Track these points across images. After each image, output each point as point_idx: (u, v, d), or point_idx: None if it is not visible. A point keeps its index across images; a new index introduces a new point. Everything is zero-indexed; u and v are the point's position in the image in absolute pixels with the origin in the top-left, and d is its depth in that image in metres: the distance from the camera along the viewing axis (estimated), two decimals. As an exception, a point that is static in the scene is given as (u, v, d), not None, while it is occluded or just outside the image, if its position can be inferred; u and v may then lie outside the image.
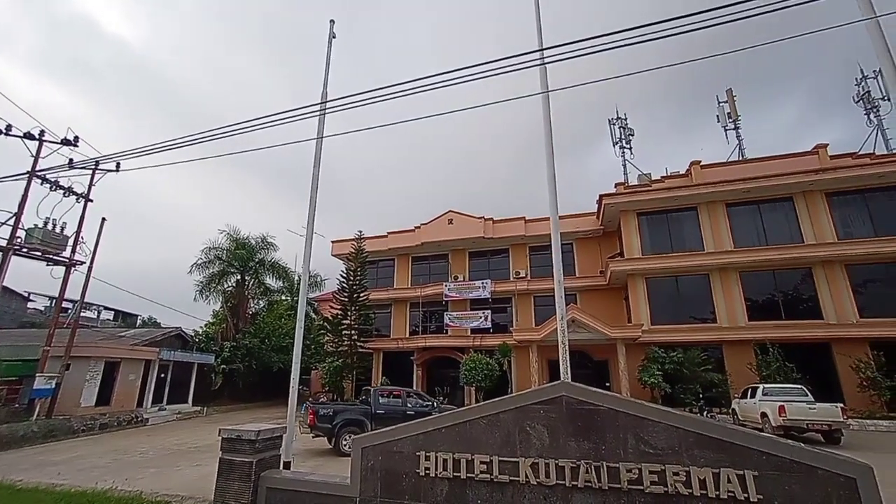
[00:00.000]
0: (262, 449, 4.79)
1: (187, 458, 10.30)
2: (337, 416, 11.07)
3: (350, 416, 11.27)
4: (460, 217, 26.19)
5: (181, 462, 9.72)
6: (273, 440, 5.04)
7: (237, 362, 23.86)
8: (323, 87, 7.75)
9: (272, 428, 5.07)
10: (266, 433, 4.85)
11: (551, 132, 6.21)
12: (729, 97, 25.07)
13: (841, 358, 17.18)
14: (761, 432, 12.32)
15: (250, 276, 28.01)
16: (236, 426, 4.95)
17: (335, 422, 10.98)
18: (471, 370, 20.37)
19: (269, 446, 4.94)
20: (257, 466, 4.66)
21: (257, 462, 4.66)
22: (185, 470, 8.83)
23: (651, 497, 3.70)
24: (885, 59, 4.24)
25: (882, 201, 18.63)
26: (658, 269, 20.55)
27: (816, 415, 12.25)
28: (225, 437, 4.76)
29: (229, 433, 4.75)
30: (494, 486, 4.07)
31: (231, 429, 4.81)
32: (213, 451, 4.95)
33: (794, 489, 3.43)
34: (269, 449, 4.92)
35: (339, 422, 11.02)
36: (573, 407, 4.00)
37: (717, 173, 20.96)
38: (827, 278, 18.46)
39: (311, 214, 7.67)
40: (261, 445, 4.75)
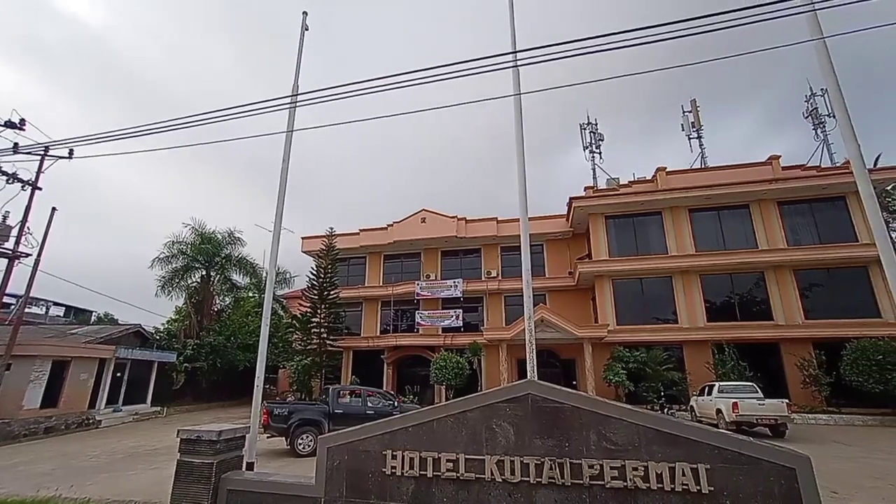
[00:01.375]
0: (224, 450, 4.64)
1: (144, 461, 9.84)
2: (292, 416, 10.83)
3: (306, 415, 11.04)
4: (433, 216, 26.19)
5: (137, 466, 9.28)
6: (235, 440, 4.89)
7: (201, 361, 23.00)
8: (294, 79, 7.57)
9: (235, 428, 4.91)
10: (228, 433, 4.70)
11: (522, 134, 6.30)
12: (693, 107, 26.17)
13: (788, 357, 18.31)
14: (716, 428, 13.04)
15: (216, 271, 27.03)
16: (196, 426, 4.77)
17: (291, 422, 10.73)
18: (441, 369, 20.43)
19: (231, 447, 4.79)
20: (218, 468, 4.51)
21: (218, 463, 4.51)
22: (140, 474, 8.44)
23: (611, 492, 3.82)
24: (830, 78, 4.56)
25: (826, 211, 19.96)
26: (624, 271, 21.23)
27: (765, 410, 13.03)
28: (184, 438, 4.58)
29: (188, 434, 4.57)
30: (460, 483, 4.10)
31: (190, 429, 4.63)
32: (173, 453, 4.76)
33: (741, 480, 3.63)
34: (231, 450, 4.78)
35: (295, 422, 10.78)
36: (539, 405, 4.08)
37: (681, 180, 21.85)
38: (777, 282, 19.59)
39: (279, 209, 7.49)
40: (222, 446, 4.60)
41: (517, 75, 6.00)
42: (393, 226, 26.90)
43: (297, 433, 10.67)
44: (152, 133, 8.06)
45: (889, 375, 15.36)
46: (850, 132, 4.49)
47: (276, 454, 10.64)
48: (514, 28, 6.61)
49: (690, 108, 26.22)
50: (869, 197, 4.47)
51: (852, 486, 7.26)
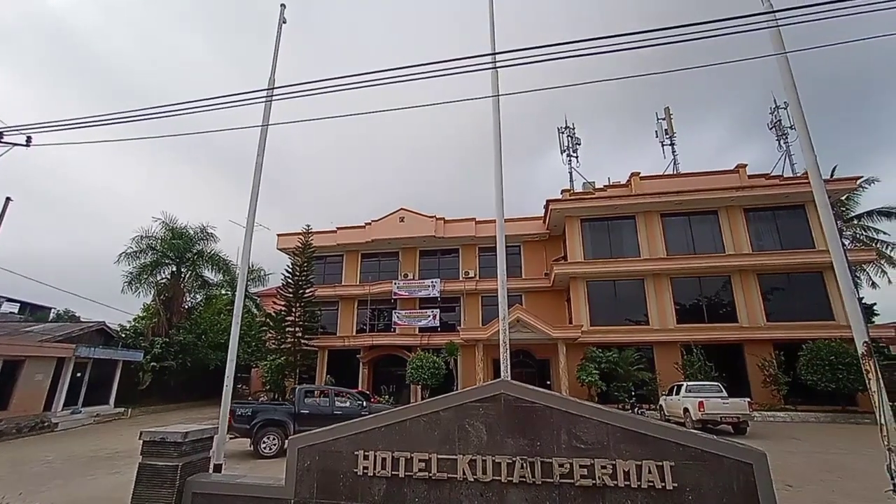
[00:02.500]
0: (190, 452, 4.49)
1: (103, 465, 9.40)
2: (256, 416, 10.53)
3: (271, 416, 10.76)
4: (412, 215, 26.11)
5: (96, 470, 8.86)
6: (203, 442, 4.74)
7: (169, 359, 22.21)
8: (270, 73, 7.41)
9: (202, 429, 4.77)
10: (195, 434, 4.55)
11: (500, 136, 6.35)
12: (667, 115, 26.98)
13: (750, 357, 19.12)
14: (683, 426, 13.47)
15: (187, 268, 26.16)
16: (161, 428, 4.61)
17: (254, 422, 10.43)
18: (417, 369, 20.39)
19: (197, 448, 4.64)
20: (183, 471, 4.36)
21: (183, 466, 4.36)
22: (99, 479, 8.07)
23: (580, 490, 3.90)
24: (791, 91, 4.79)
25: (787, 218, 20.95)
26: (598, 274, 21.69)
27: (728, 409, 13.57)
28: (147, 440, 4.40)
29: (152, 435, 4.40)
30: (432, 483, 4.10)
31: (154, 430, 4.46)
32: (136, 456, 4.57)
33: (703, 476, 3.76)
34: (197, 451, 4.63)
35: (259, 422, 10.48)
36: (511, 405, 4.13)
37: (654, 185, 22.49)
38: (742, 286, 20.42)
39: (252, 204, 7.32)
40: (188, 448, 4.45)
41: (496, 77, 6.05)
42: (371, 224, 26.68)
43: (260, 434, 10.37)
44: (120, 122, 7.74)
45: (840, 375, 16.26)
46: (808, 144, 4.73)
47: (246, 455, 10.38)
48: (493, 30, 6.66)
49: (664, 116, 27.03)
50: (824, 206, 4.72)
51: (805, 480, 7.65)
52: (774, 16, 4.80)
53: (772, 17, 4.80)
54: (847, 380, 16.04)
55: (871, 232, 26.09)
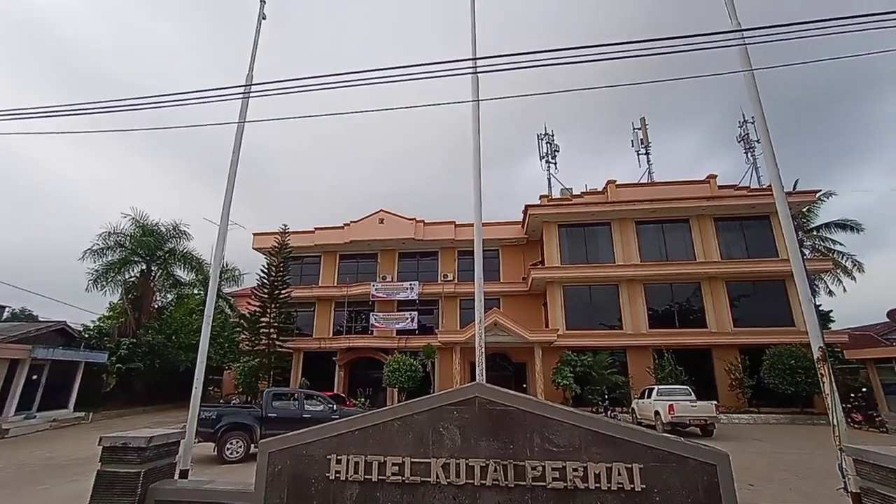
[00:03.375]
0: (154, 457, 4.33)
1: (59, 473, 8.91)
2: (221, 420, 10.17)
3: (236, 419, 10.38)
4: (391, 217, 26.00)
5: (49, 479, 8.36)
6: (168, 447, 4.59)
7: (136, 361, 21.34)
8: (248, 69, 7.26)
9: (168, 433, 4.61)
10: (159, 439, 4.39)
11: (479, 141, 6.41)
12: (642, 125, 27.76)
13: (718, 362, 19.81)
14: (654, 428, 13.81)
15: (158, 266, 25.25)
16: (124, 432, 4.42)
17: (219, 426, 10.06)
18: (394, 371, 20.26)
19: (162, 454, 4.49)
20: (145, 478, 4.19)
21: (146, 473, 4.20)
22: (53, 488, 7.64)
23: (552, 492, 3.95)
24: (756, 106, 5.03)
25: (754, 228, 21.84)
26: (574, 278, 22.08)
27: (697, 412, 14.00)
28: (107, 446, 4.21)
29: (113, 441, 4.21)
30: (406, 487, 4.09)
31: (116, 436, 4.27)
32: (96, 463, 4.37)
33: (670, 478, 3.87)
34: (162, 457, 4.47)
35: (223, 426, 10.09)
36: (485, 408, 4.15)
37: (630, 193, 23.08)
38: (711, 292, 21.15)
39: (227, 202, 7.14)
40: (152, 453, 4.29)
41: (476, 82, 6.11)
42: (350, 225, 26.41)
43: (225, 438, 9.99)
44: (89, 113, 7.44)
45: (798, 379, 17.07)
46: (771, 158, 4.97)
47: (215, 461, 10.06)
48: (474, 35, 6.73)
49: (640, 126, 27.79)
50: (786, 217, 4.95)
51: (766, 479, 7.97)
52: (742, 34, 5.04)
53: (739, 34, 5.04)
54: (805, 383, 16.82)
55: (828, 243, 27.49)
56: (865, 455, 3.90)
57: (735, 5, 5.33)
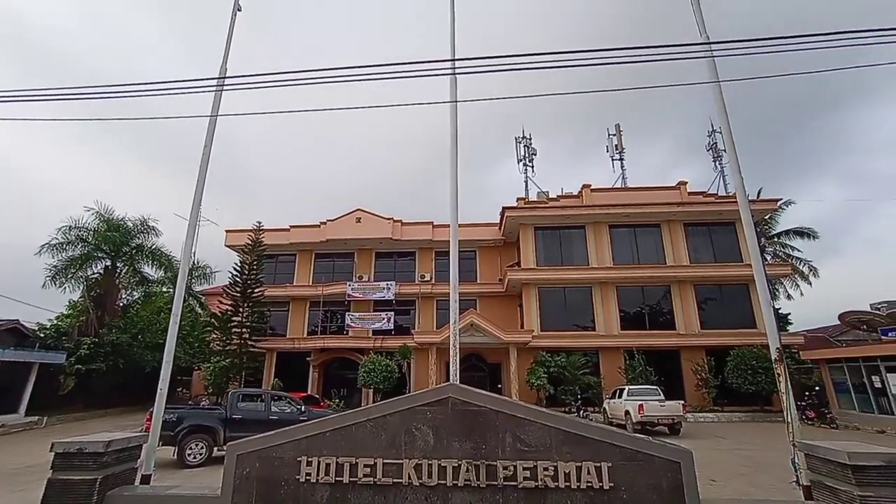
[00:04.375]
0: (113, 463, 4.14)
1: (6, 483, 8.32)
2: (182, 422, 9.70)
3: (198, 421, 9.92)
4: (369, 216, 25.78)
5: (-4, 488, 7.86)
6: (129, 451, 4.40)
7: (98, 361, 20.35)
8: (222, 61, 7.07)
9: (129, 437, 4.42)
10: (119, 443, 4.20)
11: (457, 142, 6.44)
12: (617, 131, 28.47)
13: (686, 362, 20.49)
14: (624, 428, 14.11)
15: (124, 263, 24.17)
16: (80, 437, 4.21)
17: (179, 428, 9.57)
18: (369, 372, 20.09)
19: (122, 459, 4.30)
20: (102, 485, 4.00)
21: (103, 479, 4.00)
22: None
23: (523, 492, 4.00)
24: (723, 117, 5.25)
25: (721, 234, 22.71)
26: (549, 280, 22.42)
27: (665, 411, 14.43)
28: (60, 452, 3.98)
29: (67, 446, 3.99)
30: (377, 489, 4.06)
31: (70, 441, 4.06)
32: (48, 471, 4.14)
33: (636, 476, 3.98)
34: (121, 462, 4.28)
35: (184, 428, 9.61)
36: (458, 408, 4.17)
37: (604, 197, 23.61)
38: (681, 295, 21.86)
39: (197, 197, 6.92)
40: (110, 459, 4.10)
41: (454, 83, 6.13)
42: (326, 224, 26.03)
43: (186, 441, 9.53)
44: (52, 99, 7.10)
45: (759, 378, 17.88)
46: (736, 167, 5.20)
47: (182, 465, 9.70)
48: (454, 36, 6.75)
49: (615, 132, 28.48)
50: (748, 224, 5.18)
51: (727, 474, 8.30)
52: (710, 47, 5.25)
53: (707, 48, 5.24)
54: (765, 382, 17.60)
55: (788, 249, 28.91)
56: (815, 450, 4.12)
57: (704, 20, 5.55)
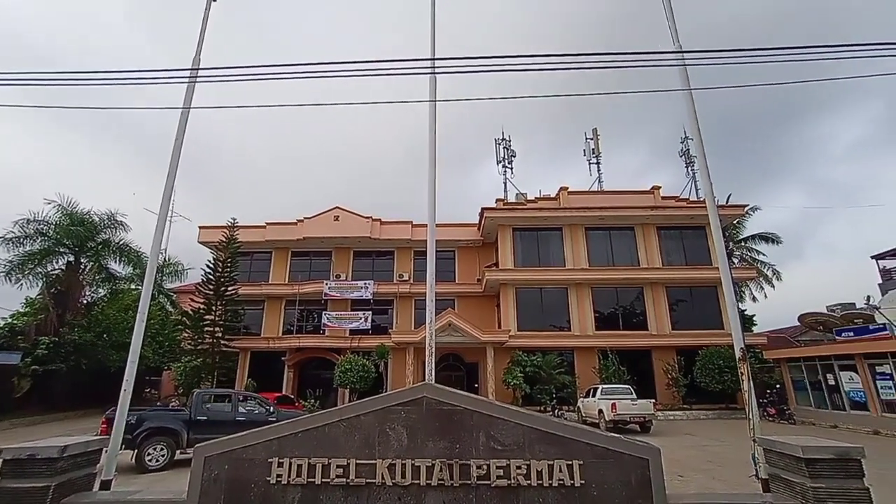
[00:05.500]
0: (69, 468, 3.94)
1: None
2: (142, 424, 9.23)
3: (158, 423, 9.46)
4: (347, 215, 25.49)
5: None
6: (87, 456, 4.21)
7: (58, 362, 19.39)
8: (195, 52, 6.85)
9: (88, 441, 4.23)
10: (76, 448, 4.01)
11: (436, 141, 6.44)
12: (594, 136, 29.04)
13: (657, 362, 21.09)
14: (598, 426, 14.40)
15: (89, 258, 23.10)
16: (32, 442, 4.00)
17: (139, 431, 9.09)
18: (346, 372, 19.88)
19: (79, 464, 4.11)
20: (56, 492, 3.79)
21: (58, 486, 3.79)
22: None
23: (496, 490, 4.03)
24: (693, 124, 5.43)
25: (692, 238, 23.46)
26: (527, 281, 22.70)
27: (637, 409, 14.80)
28: (9, 459, 3.74)
29: (17, 452, 3.76)
30: (350, 489, 4.02)
31: (21, 447, 3.83)
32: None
33: (607, 473, 4.07)
34: (78, 468, 4.09)
35: (144, 431, 9.14)
36: (433, 408, 4.17)
37: (581, 200, 24.06)
38: (653, 297, 22.48)
39: (167, 191, 6.69)
40: (66, 464, 3.90)
41: (434, 82, 6.13)
42: (303, 221, 25.59)
43: (145, 444, 9.09)
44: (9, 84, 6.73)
45: (725, 377, 18.62)
46: (705, 173, 5.39)
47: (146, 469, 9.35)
48: (434, 35, 6.75)
49: (592, 136, 29.04)
50: (716, 229, 5.37)
51: (694, 470, 8.59)
52: (682, 55, 5.42)
53: (680, 56, 5.42)
54: (731, 381, 18.30)
55: (753, 253, 30.15)
56: (773, 445, 4.31)
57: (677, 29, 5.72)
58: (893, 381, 14.39)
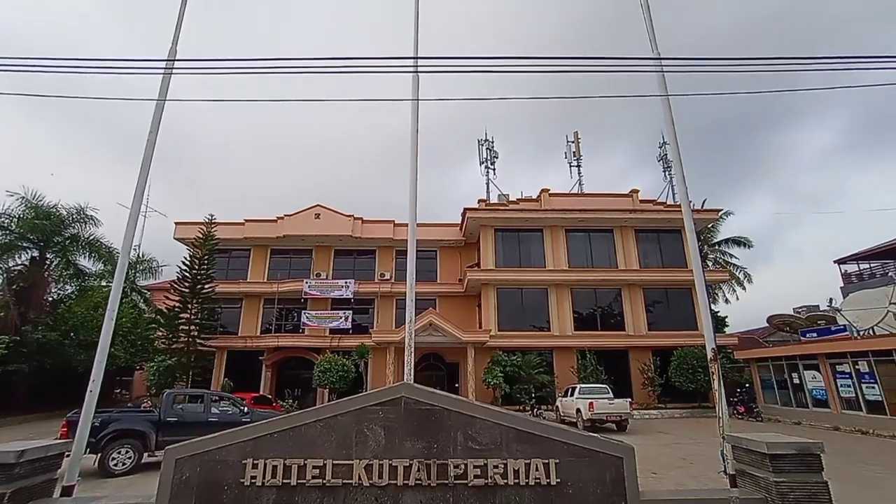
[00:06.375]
0: (26, 474, 3.75)
1: None
2: (107, 427, 8.81)
3: (125, 425, 9.04)
4: (328, 213, 25.18)
5: None
6: (47, 461, 4.02)
7: (20, 362, 18.53)
8: (172, 43, 6.66)
9: (47, 445, 4.04)
10: (35, 452, 3.82)
11: (417, 140, 6.42)
12: (575, 139, 29.48)
13: (634, 362, 21.57)
14: (576, 425, 14.60)
15: (55, 254, 22.16)
16: (-11, 446, 3.82)
17: (103, 433, 8.68)
18: (325, 372, 19.65)
19: (38, 469, 3.92)
20: (12, 499, 3.60)
21: (13, 493, 3.60)
22: None
23: (473, 490, 4.04)
24: (670, 130, 5.58)
25: (668, 241, 24.07)
26: (507, 281, 22.88)
27: (614, 409, 15.08)
28: (-39, 465, 3.59)
29: (-30, 457, 3.60)
30: (326, 490, 3.97)
31: (-26, 451, 3.66)
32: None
33: (583, 471, 4.13)
34: (37, 473, 3.90)
35: (108, 433, 8.72)
36: (411, 407, 4.15)
37: (561, 202, 24.38)
38: (630, 298, 22.96)
39: (140, 184, 6.47)
40: (24, 470, 3.71)
41: (416, 81, 6.11)
42: (283, 219, 25.17)
43: (110, 448, 8.68)
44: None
45: (698, 377, 19.18)
46: (681, 178, 5.54)
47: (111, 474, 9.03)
48: (417, 34, 6.73)
49: (573, 140, 29.47)
50: (691, 232, 5.53)
51: (667, 467, 8.81)
52: (660, 62, 5.56)
53: (658, 62, 5.55)
54: (704, 380, 18.86)
55: (727, 256, 31.13)
56: (740, 441, 4.45)
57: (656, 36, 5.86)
58: (852, 379, 15.08)
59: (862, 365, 14.80)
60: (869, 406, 14.48)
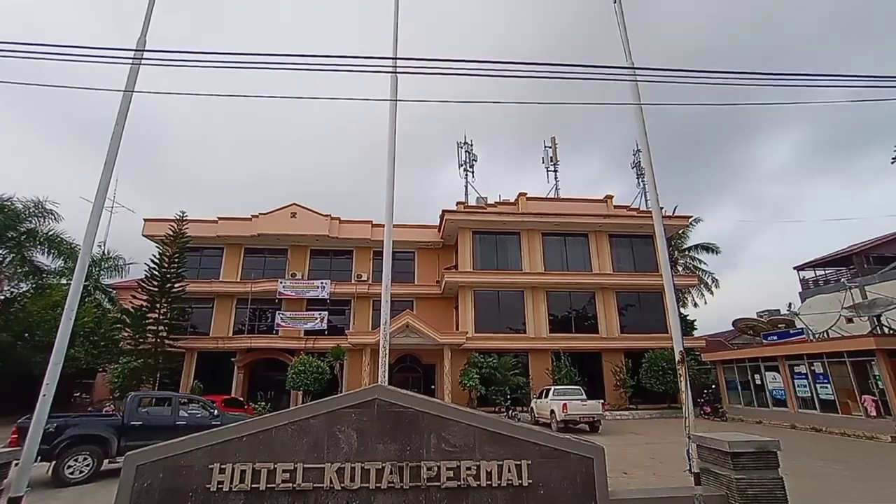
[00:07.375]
0: (-27, 482, 3.56)
1: None
2: (62, 433, 8.26)
3: (83, 430, 8.53)
4: (305, 212, 24.76)
5: None
6: (-3, 468, 3.81)
7: (-35, 366, 17.45)
8: (141, 33, 6.43)
9: (-4, 452, 3.83)
10: (-17, 460, 3.63)
11: (395, 140, 6.40)
12: (552, 144, 29.96)
13: (606, 364, 22.04)
14: (549, 426, 14.77)
15: (10, 249, 20.93)
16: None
17: (58, 440, 8.11)
18: (299, 373, 19.29)
19: (-14, 477, 3.71)
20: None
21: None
22: None
23: (446, 491, 4.04)
24: (642, 138, 5.76)
25: (641, 246, 24.74)
26: (485, 283, 23.03)
27: (586, 410, 15.35)
28: None
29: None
30: (296, 494, 3.90)
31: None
32: None
33: (554, 472, 4.19)
34: (-14, 481, 3.70)
35: (65, 440, 8.19)
36: (385, 410, 4.13)
37: (538, 206, 24.72)
38: (604, 301, 23.47)
39: (105, 178, 6.21)
40: (-30, 478, 3.52)
41: (395, 81, 6.09)
42: (258, 217, 24.58)
43: (66, 455, 8.13)
44: None
45: (668, 378, 19.77)
46: (652, 185, 5.72)
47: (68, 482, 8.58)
48: (396, 35, 6.72)
49: (550, 145, 29.94)
50: (661, 238, 5.71)
51: (636, 466, 9.04)
52: (634, 72, 5.74)
53: (632, 72, 5.72)
54: (673, 382, 19.43)
55: (696, 262, 32.23)
56: (704, 441, 4.62)
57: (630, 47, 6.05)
58: (808, 379, 15.85)
59: (817, 366, 15.57)
60: (822, 405, 15.25)
